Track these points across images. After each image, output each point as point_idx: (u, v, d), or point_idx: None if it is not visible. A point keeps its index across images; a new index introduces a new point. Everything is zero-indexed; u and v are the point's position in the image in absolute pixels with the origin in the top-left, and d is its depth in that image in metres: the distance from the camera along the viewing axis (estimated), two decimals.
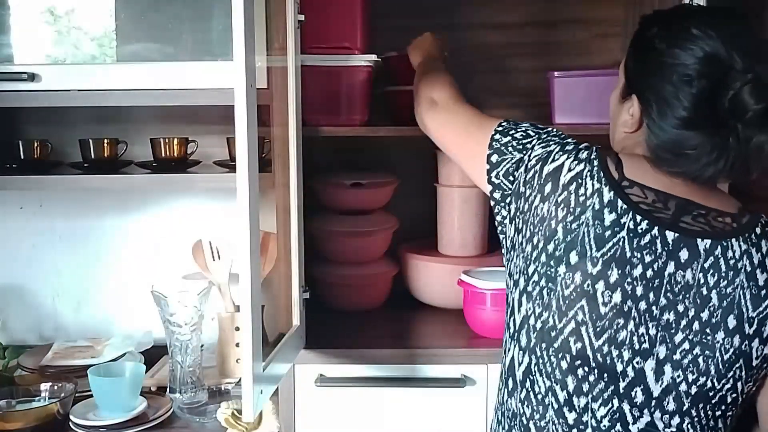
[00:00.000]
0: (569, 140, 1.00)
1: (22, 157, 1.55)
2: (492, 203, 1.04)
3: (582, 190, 0.91)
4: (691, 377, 0.88)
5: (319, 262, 1.69)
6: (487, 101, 1.83)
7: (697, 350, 0.88)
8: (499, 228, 1.05)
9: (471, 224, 1.67)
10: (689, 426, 0.89)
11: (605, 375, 0.88)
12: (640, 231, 0.88)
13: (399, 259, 1.74)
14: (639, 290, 0.88)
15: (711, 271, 0.88)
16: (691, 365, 0.88)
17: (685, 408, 0.89)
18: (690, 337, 0.88)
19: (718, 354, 0.88)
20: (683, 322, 0.88)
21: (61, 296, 1.81)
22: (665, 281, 0.88)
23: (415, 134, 1.57)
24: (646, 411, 0.89)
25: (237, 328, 1.54)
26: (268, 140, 1.44)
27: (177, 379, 1.47)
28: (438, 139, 1.22)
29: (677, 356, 0.88)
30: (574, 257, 0.89)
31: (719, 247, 0.89)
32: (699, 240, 0.89)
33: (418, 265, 1.68)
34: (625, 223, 0.88)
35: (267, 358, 1.11)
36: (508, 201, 1.00)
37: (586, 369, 0.89)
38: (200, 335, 1.50)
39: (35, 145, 1.56)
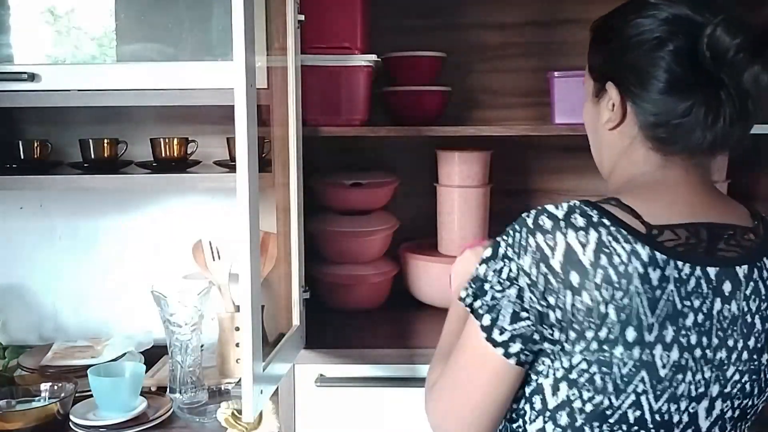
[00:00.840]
0: (526, 218, 0.84)
1: (22, 157, 1.55)
2: (512, 360, 0.84)
3: (616, 259, 0.79)
4: (736, 403, 0.87)
5: (319, 262, 1.69)
6: (487, 101, 1.83)
7: (745, 378, 0.86)
8: (534, 366, 0.87)
9: (471, 224, 1.67)
10: None
11: (661, 430, 0.84)
12: (684, 277, 0.81)
13: (399, 259, 1.74)
14: (693, 339, 0.82)
15: (752, 297, 0.85)
16: (738, 393, 0.86)
17: (727, 429, 0.88)
18: (740, 368, 0.85)
19: (762, 375, 0.87)
20: (734, 356, 0.85)
21: (61, 296, 1.81)
22: (714, 320, 0.83)
23: (415, 134, 1.57)
24: None
25: (237, 328, 1.54)
26: (268, 140, 1.44)
27: (177, 379, 1.47)
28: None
29: (728, 389, 0.86)
30: (631, 334, 0.80)
31: (755, 270, 0.85)
32: (737, 268, 0.84)
33: (418, 265, 1.68)
34: (669, 275, 0.81)
35: (267, 358, 1.11)
36: (536, 337, 0.83)
37: (643, 431, 0.84)
38: (200, 335, 1.50)
39: (35, 145, 1.56)
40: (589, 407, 0.83)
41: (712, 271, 0.83)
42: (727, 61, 0.81)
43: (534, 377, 0.87)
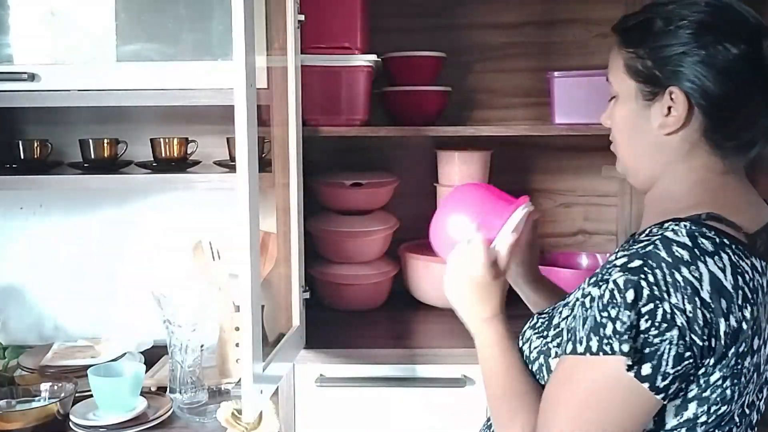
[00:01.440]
0: (656, 252, 0.79)
1: (22, 157, 1.55)
2: (661, 395, 0.80)
3: (747, 276, 0.81)
4: None
5: (319, 262, 1.69)
6: (487, 101, 1.83)
7: None
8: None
9: None
10: None
11: (744, 420, 0.88)
12: None
13: (399, 259, 1.74)
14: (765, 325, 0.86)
15: None
16: None
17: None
18: None
19: None
20: None
21: (61, 296, 1.81)
22: None
23: (414, 134, 1.57)
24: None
25: (237, 328, 1.54)
26: (268, 140, 1.44)
27: (177, 379, 1.47)
28: None
29: None
30: (756, 342, 0.83)
31: None
32: None
33: (418, 265, 1.68)
34: (766, 280, 0.84)
35: (267, 358, 1.11)
36: (697, 372, 0.81)
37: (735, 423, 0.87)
38: (200, 335, 1.50)
39: (35, 145, 1.56)
40: (712, 418, 0.84)
41: None
42: None
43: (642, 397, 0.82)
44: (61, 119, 1.70)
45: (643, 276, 0.78)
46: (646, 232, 0.85)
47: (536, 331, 0.98)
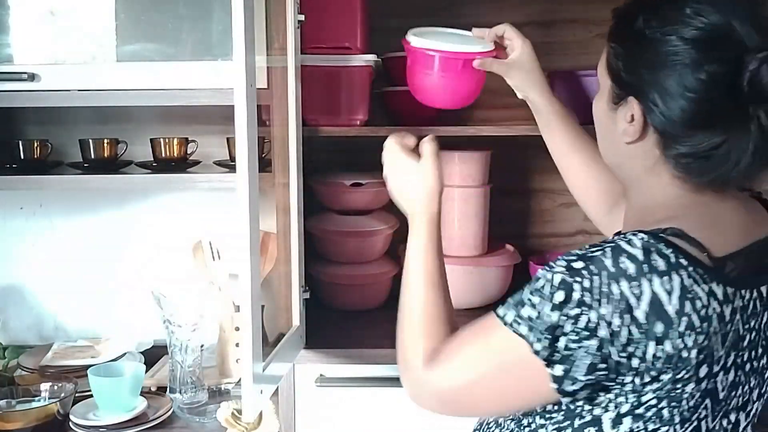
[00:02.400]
0: (602, 259, 0.76)
1: (22, 157, 1.55)
2: (566, 399, 0.80)
3: (699, 303, 0.75)
4: (765, 398, 0.88)
5: (319, 262, 1.69)
6: (487, 101, 1.83)
7: None
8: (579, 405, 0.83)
9: (471, 224, 1.67)
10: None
11: None
12: (746, 303, 0.79)
13: (399, 259, 1.74)
14: (746, 356, 0.82)
15: None
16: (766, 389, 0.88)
17: (752, 420, 0.89)
18: None
19: None
20: None
21: (61, 296, 1.81)
22: (762, 333, 0.83)
23: (415, 134, 1.57)
24: None
25: (237, 328, 1.54)
26: (268, 140, 1.44)
27: (177, 379, 1.47)
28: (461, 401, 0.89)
29: (764, 389, 0.87)
30: (704, 370, 0.77)
31: None
32: None
33: None
34: (737, 306, 0.78)
35: (267, 358, 1.11)
36: (607, 386, 0.79)
37: None
38: (200, 335, 1.50)
39: (35, 145, 1.56)
40: None
41: (764, 289, 0.82)
42: None
43: (588, 408, 0.83)
44: (61, 119, 1.70)
45: (579, 279, 0.76)
46: (611, 237, 0.82)
47: None
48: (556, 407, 0.86)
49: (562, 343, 0.76)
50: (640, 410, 0.80)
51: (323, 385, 1.39)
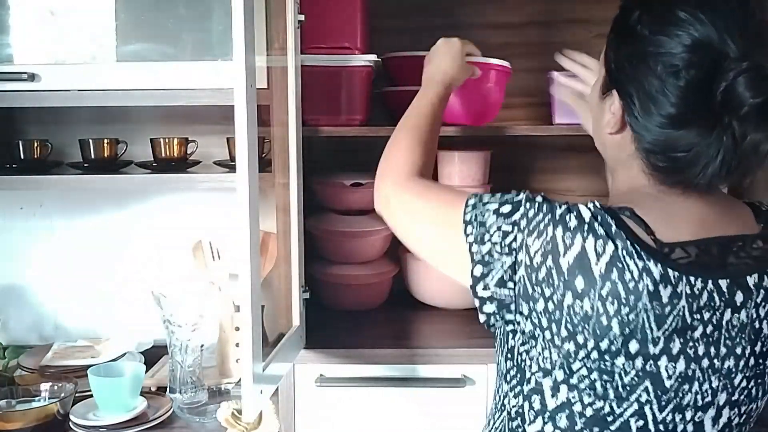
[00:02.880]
0: (555, 207, 0.83)
1: (22, 157, 1.55)
2: (482, 316, 0.87)
3: (628, 275, 0.77)
4: (743, 409, 0.86)
5: (319, 262, 1.69)
6: None
7: (752, 383, 0.85)
8: (497, 328, 0.90)
9: None
10: None
11: None
12: (696, 292, 0.80)
13: (399, 259, 1.74)
14: (701, 350, 0.81)
15: (762, 304, 0.83)
16: (745, 399, 0.86)
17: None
18: (747, 374, 0.84)
19: (766, 377, 0.86)
20: (741, 363, 0.84)
21: (61, 296, 1.81)
22: (723, 330, 0.82)
23: None
24: None
25: (237, 328, 1.54)
26: (268, 140, 1.44)
27: (177, 379, 1.47)
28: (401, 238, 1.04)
29: (735, 396, 0.85)
30: (634, 346, 0.79)
31: (765, 277, 0.84)
32: (748, 278, 0.82)
33: (418, 265, 1.68)
34: (681, 291, 0.79)
35: (267, 358, 1.11)
36: (512, 308, 0.85)
37: None
38: (200, 335, 1.50)
39: (35, 145, 1.56)
40: (589, 411, 0.83)
41: (723, 283, 0.81)
42: (739, 115, 0.77)
43: (531, 375, 0.86)
44: (61, 119, 1.70)
45: (528, 207, 0.83)
46: None
47: None
48: (513, 371, 0.90)
49: (486, 247, 0.84)
50: (574, 380, 0.82)
51: (323, 385, 1.39)
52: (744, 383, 0.84)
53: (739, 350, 0.83)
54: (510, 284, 0.83)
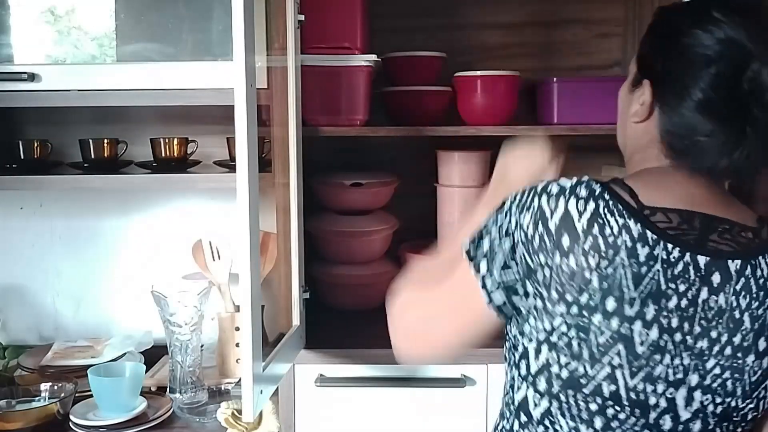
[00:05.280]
0: (538, 184, 0.88)
1: (22, 157, 1.55)
2: (494, 312, 0.89)
3: (608, 230, 0.82)
4: (718, 399, 0.87)
5: (319, 262, 1.69)
6: None
7: (727, 374, 0.86)
8: (509, 323, 0.93)
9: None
10: None
11: (636, 410, 0.86)
12: (672, 260, 0.83)
13: (399, 259, 1.74)
14: (674, 322, 0.83)
15: (742, 293, 0.85)
16: (719, 389, 0.86)
17: (710, 428, 0.88)
18: (721, 363, 0.85)
19: (746, 376, 0.87)
20: (716, 348, 0.85)
21: (61, 296, 1.81)
22: (699, 308, 0.84)
23: (415, 134, 1.57)
24: None
25: (237, 328, 1.54)
26: (268, 140, 1.44)
27: (177, 379, 1.47)
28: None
29: (707, 381, 0.86)
30: (611, 304, 0.82)
31: (749, 266, 0.86)
32: (729, 261, 0.85)
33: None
34: (658, 254, 0.82)
35: (267, 358, 1.12)
36: (519, 290, 0.87)
37: (617, 408, 0.86)
38: (200, 335, 1.50)
39: (35, 145, 1.56)
40: (565, 373, 0.86)
41: (702, 259, 0.84)
42: (764, 101, 0.83)
43: (521, 340, 0.90)
44: (61, 119, 1.70)
45: (515, 194, 0.89)
46: None
47: None
48: (507, 344, 0.95)
49: (486, 243, 0.89)
50: (554, 338, 0.86)
51: (323, 385, 1.39)
52: (717, 371, 0.86)
53: (714, 334, 0.85)
54: (513, 264, 0.87)
